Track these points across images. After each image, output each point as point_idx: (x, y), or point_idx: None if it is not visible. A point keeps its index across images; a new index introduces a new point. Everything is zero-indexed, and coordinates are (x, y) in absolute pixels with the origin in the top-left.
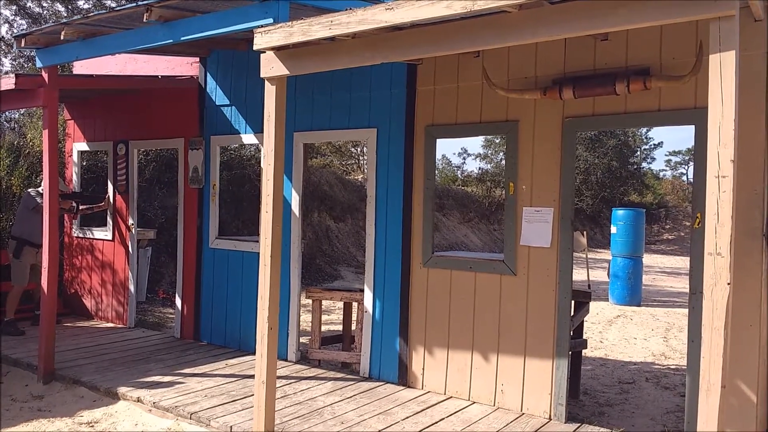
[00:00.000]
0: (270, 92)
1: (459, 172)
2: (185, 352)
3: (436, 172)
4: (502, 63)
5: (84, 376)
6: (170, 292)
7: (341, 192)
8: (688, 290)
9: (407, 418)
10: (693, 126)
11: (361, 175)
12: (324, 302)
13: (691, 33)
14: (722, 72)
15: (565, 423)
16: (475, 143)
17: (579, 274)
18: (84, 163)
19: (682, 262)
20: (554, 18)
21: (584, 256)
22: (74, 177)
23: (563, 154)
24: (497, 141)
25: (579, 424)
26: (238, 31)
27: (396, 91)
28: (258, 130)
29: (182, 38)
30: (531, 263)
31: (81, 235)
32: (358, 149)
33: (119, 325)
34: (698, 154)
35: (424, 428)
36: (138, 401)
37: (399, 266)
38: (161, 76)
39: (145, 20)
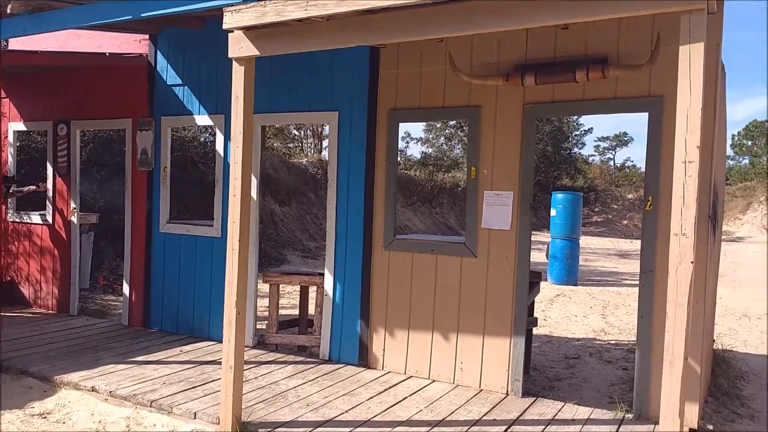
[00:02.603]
0: (238, 73)
1: (401, 156)
2: (136, 340)
3: None
4: (465, 49)
5: (32, 366)
6: (111, 278)
7: (285, 175)
8: (619, 270)
9: (372, 398)
10: (647, 113)
11: (305, 159)
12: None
13: (647, 24)
14: (691, 63)
15: (522, 397)
16: (417, 127)
17: None
18: (17, 144)
19: (611, 243)
20: (524, 8)
21: None
22: (9, 159)
23: (523, 140)
24: (438, 126)
25: (535, 398)
26: (205, 9)
27: (358, 74)
28: (213, 111)
29: (143, 15)
30: (491, 245)
31: (17, 220)
32: (302, 132)
33: (61, 314)
34: (652, 140)
35: (389, 407)
36: (92, 390)
37: (360, 250)
38: (109, 53)
39: None
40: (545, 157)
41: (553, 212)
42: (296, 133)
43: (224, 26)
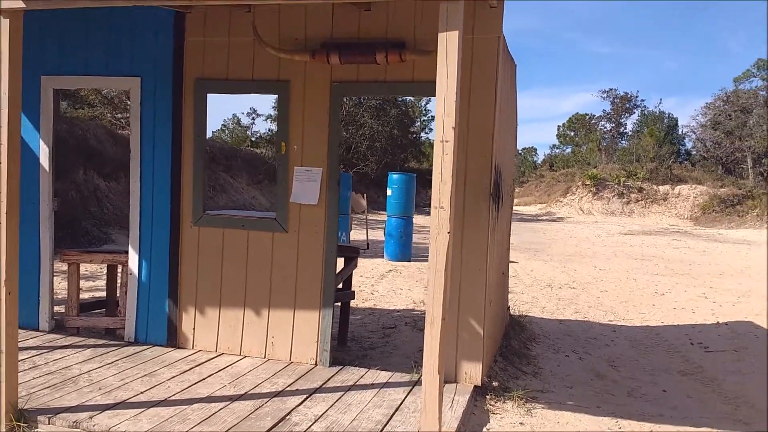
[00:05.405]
0: (3, 27)
1: (249, 132)
2: None
3: (227, 131)
4: (273, 22)
5: None
6: None
7: (113, 148)
8: None
9: (174, 377)
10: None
11: None
12: (93, 268)
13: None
14: (447, 49)
15: (329, 367)
16: (265, 103)
17: (360, 234)
18: None
19: None
20: None
21: (364, 217)
22: None
23: (331, 117)
24: None
25: (341, 367)
26: None
27: (162, 39)
28: None
29: None
30: (302, 221)
31: None
32: None
33: None
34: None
35: (191, 385)
36: None
37: (168, 226)
38: None
39: None
40: (392, 139)
41: (389, 192)
42: (129, 102)
43: None
